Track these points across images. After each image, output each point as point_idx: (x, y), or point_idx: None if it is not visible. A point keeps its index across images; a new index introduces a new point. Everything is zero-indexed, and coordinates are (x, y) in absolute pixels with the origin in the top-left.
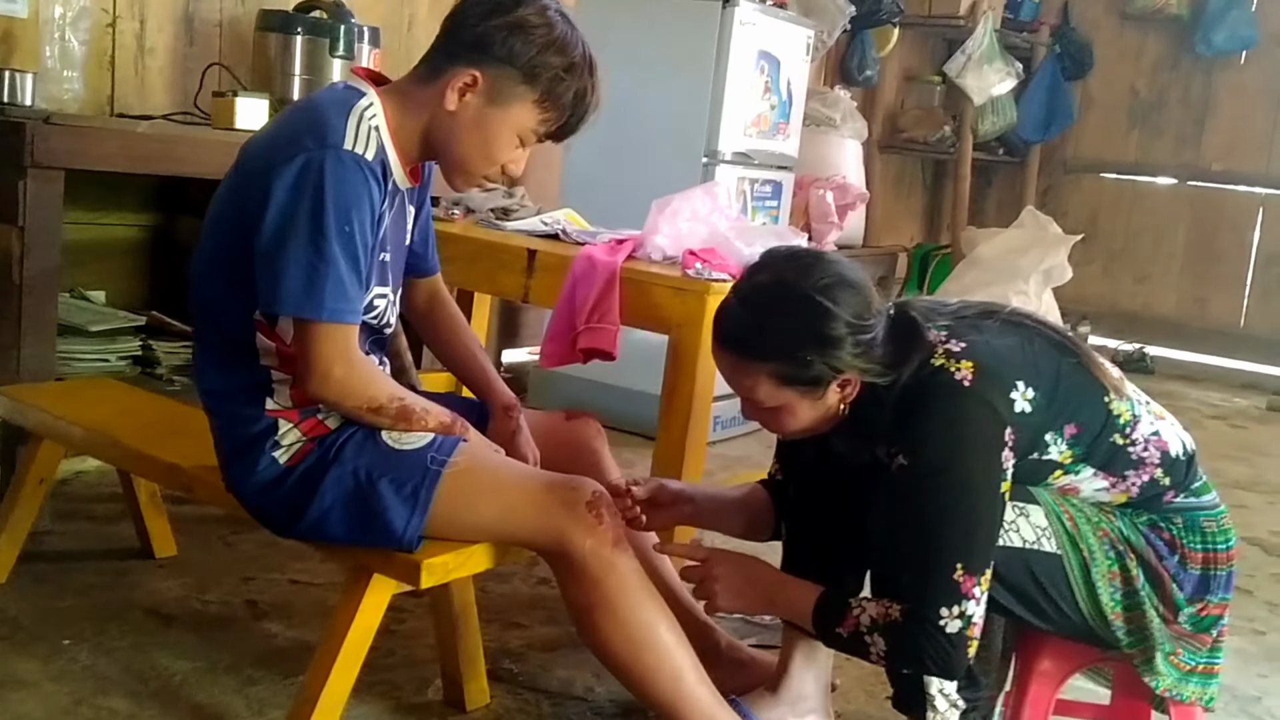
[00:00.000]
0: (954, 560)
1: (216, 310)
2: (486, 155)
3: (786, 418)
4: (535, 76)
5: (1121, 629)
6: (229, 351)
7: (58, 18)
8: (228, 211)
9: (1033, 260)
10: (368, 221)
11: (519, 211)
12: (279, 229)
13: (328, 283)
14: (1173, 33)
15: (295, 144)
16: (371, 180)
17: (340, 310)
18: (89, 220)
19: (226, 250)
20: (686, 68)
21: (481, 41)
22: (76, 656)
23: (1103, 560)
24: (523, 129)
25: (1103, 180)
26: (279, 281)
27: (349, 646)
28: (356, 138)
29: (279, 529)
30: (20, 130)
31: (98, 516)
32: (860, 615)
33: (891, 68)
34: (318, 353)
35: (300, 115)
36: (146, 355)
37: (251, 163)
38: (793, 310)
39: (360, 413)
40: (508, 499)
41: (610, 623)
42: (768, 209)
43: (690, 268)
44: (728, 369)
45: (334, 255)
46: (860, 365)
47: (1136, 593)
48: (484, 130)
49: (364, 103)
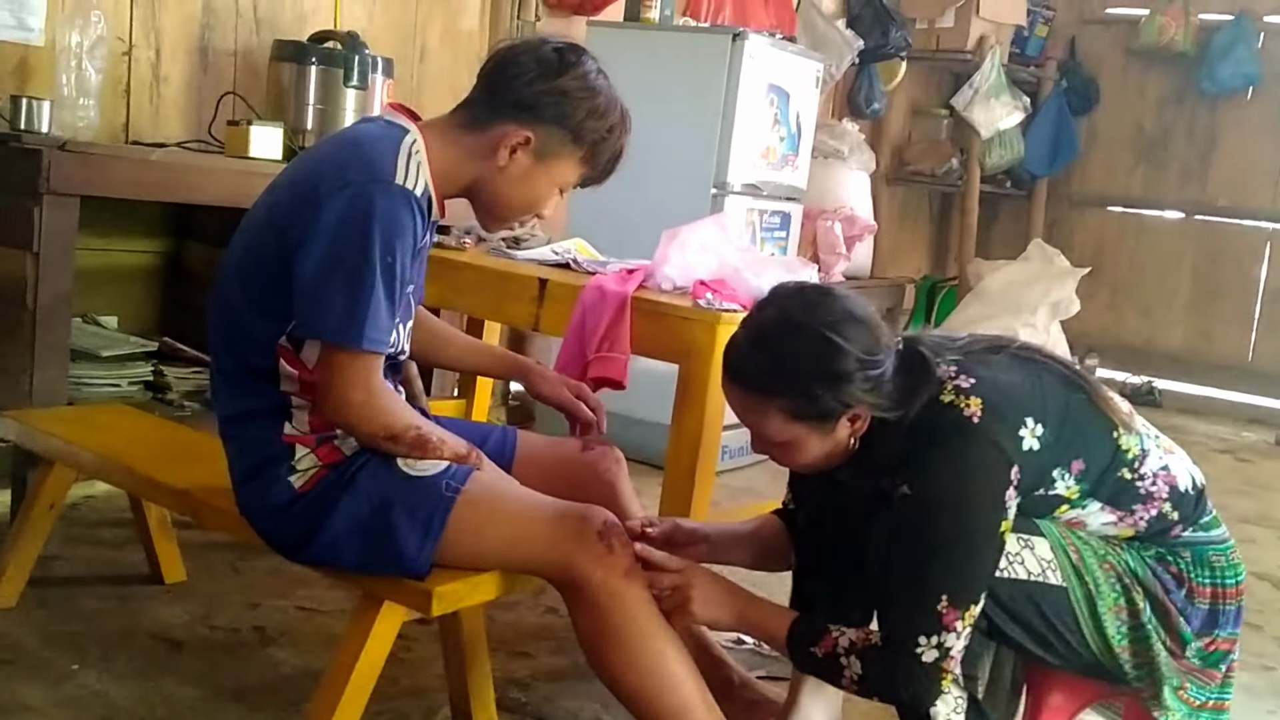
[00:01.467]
0: (940, 591)
1: (240, 336)
2: (529, 206)
3: (796, 452)
4: (582, 137)
5: (1129, 662)
6: (249, 377)
7: (74, 46)
8: (263, 239)
9: (1039, 293)
10: (409, 255)
11: (529, 241)
12: (325, 257)
13: (368, 312)
14: (1178, 69)
15: (344, 176)
16: (418, 215)
17: (375, 340)
18: (101, 246)
19: (260, 277)
20: (696, 100)
21: (533, 103)
22: (84, 682)
23: (1109, 593)
24: (564, 182)
25: (1108, 214)
26: (322, 308)
27: (358, 674)
28: (407, 174)
29: (289, 553)
30: (36, 157)
31: (105, 541)
32: (839, 637)
33: (899, 101)
34: (342, 378)
35: (346, 149)
36: (158, 381)
37: (294, 192)
38: (802, 346)
39: (377, 440)
40: (519, 528)
41: (620, 652)
42: (776, 240)
43: (700, 298)
44: (737, 404)
45: (375, 285)
46: (870, 400)
47: (1143, 626)
48: (530, 184)
49: (410, 139)
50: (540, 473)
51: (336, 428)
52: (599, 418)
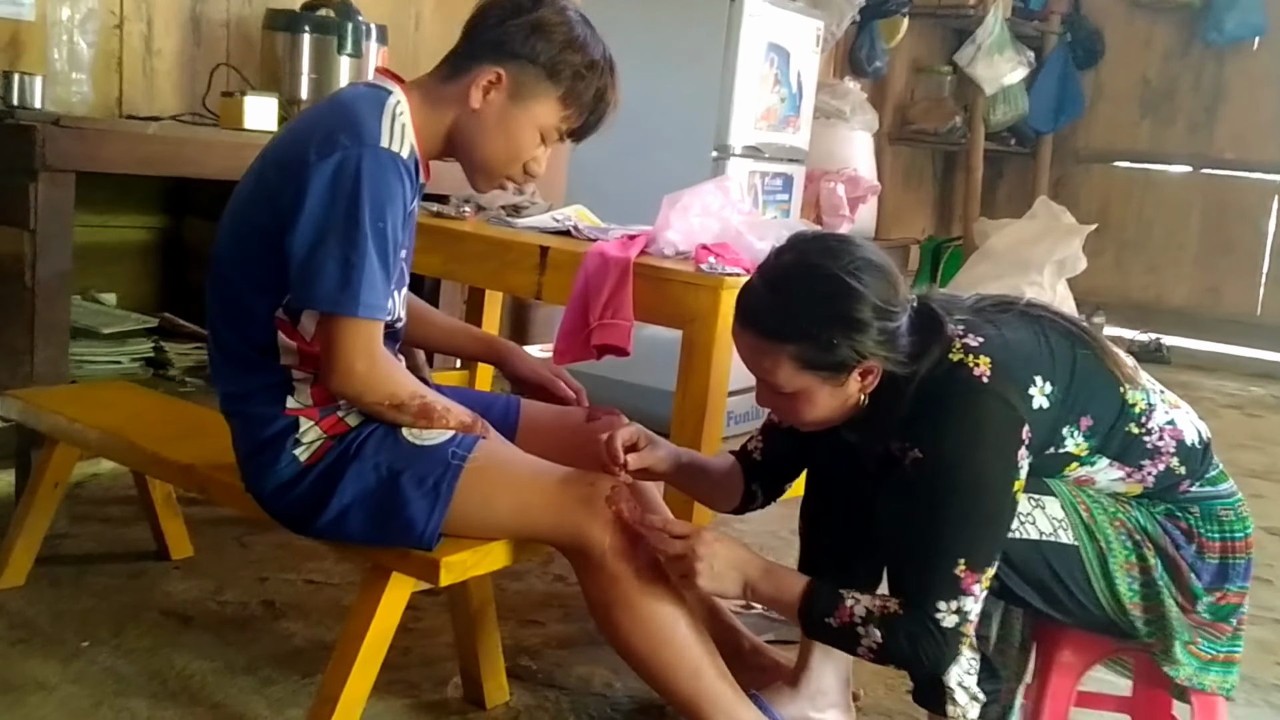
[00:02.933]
0: (957, 555)
1: (236, 311)
2: (510, 154)
3: (804, 405)
4: (557, 73)
5: (1140, 619)
6: (248, 352)
7: (65, 20)
8: (252, 211)
9: (1045, 251)
10: (400, 218)
11: (530, 209)
12: (316, 225)
13: (363, 278)
14: (1183, 20)
15: (330, 141)
16: (405, 177)
17: (372, 306)
18: (98, 223)
19: (253, 249)
20: (695, 61)
21: (503, 41)
22: (95, 658)
23: (1120, 550)
24: (545, 126)
25: (1114, 169)
26: (315, 277)
27: (368, 645)
28: (392, 136)
29: (297, 527)
30: (30, 133)
31: (112, 519)
32: (854, 606)
33: (901, 58)
34: (343, 347)
35: (333, 113)
36: (159, 357)
37: (281, 161)
38: (819, 290)
39: (382, 409)
40: (526, 495)
41: (629, 618)
42: (778, 202)
43: (703, 262)
44: (748, 350)
45: (368, 251)
46: (883, 353)
47: (1154, 583)
48: (507, 128)
49: (393, 100)
50: (544, 442)
51: (341, 399)
52: (579, 399)
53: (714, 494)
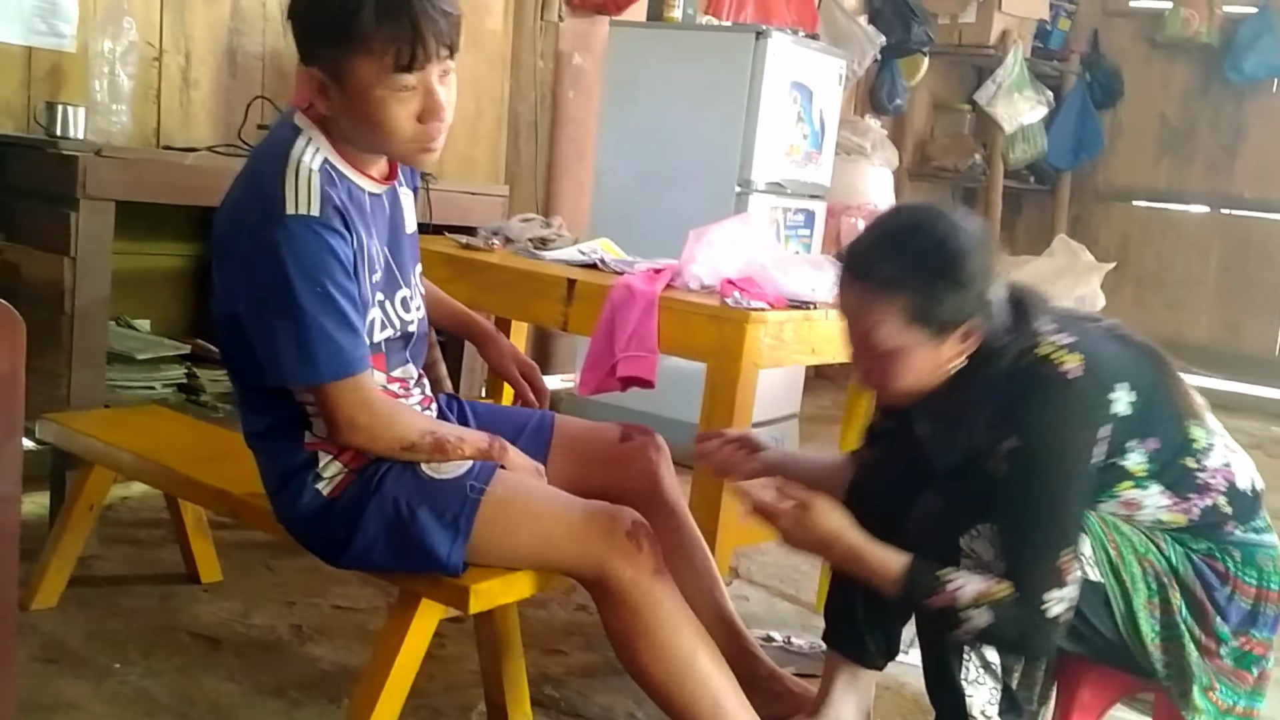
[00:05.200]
0: (1061, 544)
1: (239, 362)
2: (388, 130)
3: (898, 366)
4: (349, 35)
5: (1160, 659)
6: (262, 394)
7: (106, 52)
8: (218, 286)
9: (1064, 288)
10: (339, 273)
11: (556, 241)
12: (256, 309)
13: (318, 347)
14: (1202, 60)
15: (243, 223)
16: (325, 234)
17: (339, 367)
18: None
19: (231, 314)
20: (720, 98)
21: (299, 41)
22: (126, 679)
23: (1143, 590)
24: (380, 83)
25: (1133, 208)
26: (274, 355)
27: (397, 671)
28: (298, 197)
29: (328, 558)
30: (73, 163)
31: (142, 541)
32: (959, 590)
33: (921, 96)
34: (337, 409)
35: (244, 185)
36: (191, 383)
37: (220, 240)
38: (930, 243)
39: (394, 452)
40: (546, 527)
41: (650, 650)
42: (800, 237)
43: (728, 296)
44: (855, 303)
45: (316, 320)
46: (984, 318)
47: (1176, 624)
48: (362, 114)
49: (299, 146)
50: (576, 459)
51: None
52: (541, 401)
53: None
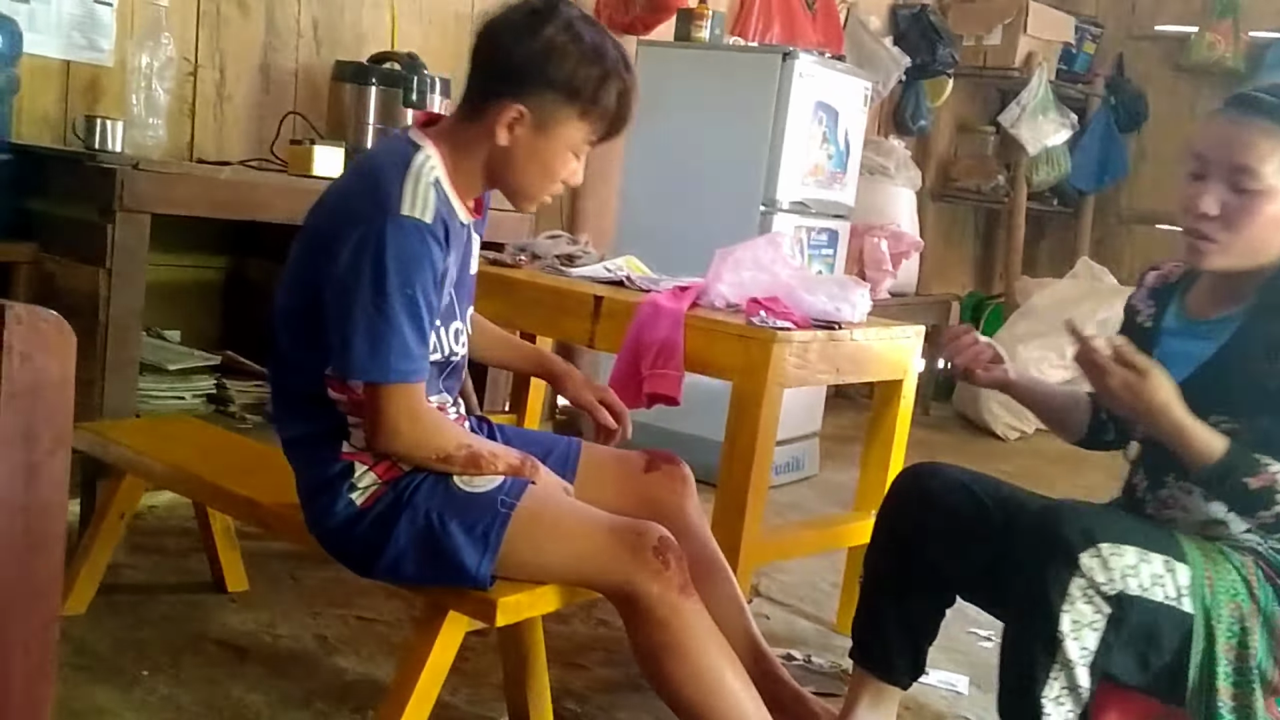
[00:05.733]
0: None
1: (292, 362)
2: (546, 178)
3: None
4: (576, 92)
5: (1226, 706)
6: (305, 400)
7: (144, 66)
8: (296, 276)
9: (1087, 311)
10: (429, 282)
11: (583, 258)
12: (345, 298)
13: (392, 346)
14: (1227, 85)
15: (357, 212)
16: (431, 242)
17: (405, 371)
18: (165, 262)
19: (300, 307)
20: (746, 118)
21: (516, 71)
22: (154, 687)
23: (1224, 633)
24: (575, 144)
25: (1156, 231)
26: (347, 346)
27: (423, 683)
28: (414, 201)
29: (358, 568)
30: (110, 176)
31: (170, 550)
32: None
33: (945, 117)
34: (385, 412)
35: (360, 181)
36: (220, 393)
37: (320, 227)
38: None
39: (430, 462)
40: (575, 542)
41: (677, 667)
42: (823, 257)
43: (754, 316)
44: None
45: (397, 319)
46: None
47: (1249, 670)
48: (539, 157)
49: (420, 159)
50: (602, 487)
51: (390, 456)
52: (624, 424)
53: (1060, 419)
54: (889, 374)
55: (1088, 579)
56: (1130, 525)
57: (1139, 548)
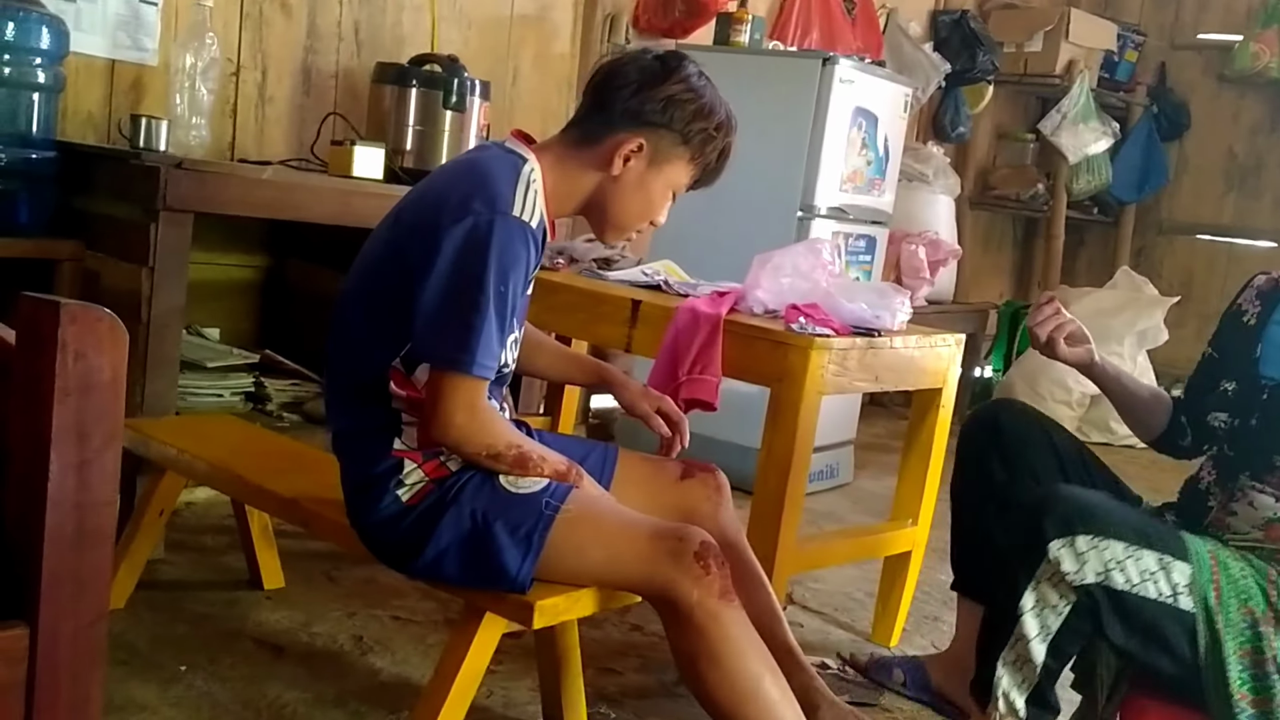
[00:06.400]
0: None
1: (356, 355)
2: (645, 212)
3: None
4: (690, 138)
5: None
6: (362, 393)
7: (188, 67)
8: (384, 262)
9: (1127, 322)
10: (521, 284)
11: (620, 262)
12: (444, 285)
13: (480, 339)
14: (1271, 95)
15: (464, 206)
16: (532, 245)
17: (485, 366)
18: (206, 260)
19: (379, 302)
20: (785, 123)
21: (640, 111)
22: (192, 683)
23: (1235, 637)
24: (676, 185)
25: (1197, 242)
26: (438, 334)
27: (459, 685)
28: (524, 205)
29: (397, 565)
30: (154, 175)
31: (207, 547)
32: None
33: (984, 124)
34: (447, 400)
35: (469, 176)
36: (258, 392)
37: (417, 219)
38: None
39: (479, 458)
40: (617, 547)
41: (715, 672)
42: (861, 263)
43: (793, 322)
44: None
45: (489, 314)
46: None
47: (1269, 675)
48: (645, 190)
49: (528, 168)
50: (638, 495)
51: (442, 446)
52: (680, 432)
53: (1138, 416)
54: (928, 382)
55: (1054, 567)
56: (1125, 519)
57: (1130, 543)
